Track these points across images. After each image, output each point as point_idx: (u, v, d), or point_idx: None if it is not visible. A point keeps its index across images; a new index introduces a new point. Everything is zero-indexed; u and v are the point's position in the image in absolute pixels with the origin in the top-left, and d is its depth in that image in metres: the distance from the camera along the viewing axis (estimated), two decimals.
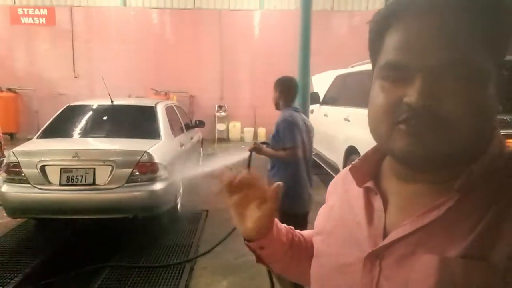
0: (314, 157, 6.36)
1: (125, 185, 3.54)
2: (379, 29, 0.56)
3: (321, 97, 6.11)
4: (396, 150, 0.52)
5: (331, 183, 0.78)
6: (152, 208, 3.70)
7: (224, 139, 10.72)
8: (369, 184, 0.62)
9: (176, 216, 4.34)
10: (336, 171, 5.00)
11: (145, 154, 3.64)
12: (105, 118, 4.45)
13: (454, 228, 0.49)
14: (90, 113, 4.46)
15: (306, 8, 2.89)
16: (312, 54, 4.56)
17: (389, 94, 0.52)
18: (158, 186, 3.68)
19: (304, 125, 2.70)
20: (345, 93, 5.26)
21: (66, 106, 4.49)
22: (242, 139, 10.85)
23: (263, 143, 2.91)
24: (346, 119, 4.65)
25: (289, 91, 2.77)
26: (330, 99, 5.79)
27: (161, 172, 3.73)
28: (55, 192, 3.44)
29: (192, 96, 11.01)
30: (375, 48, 0.57)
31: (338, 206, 0.69)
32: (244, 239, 0.72)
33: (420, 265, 0.49)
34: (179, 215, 4.41)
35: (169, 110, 4.86)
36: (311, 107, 6.63)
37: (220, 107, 10.85)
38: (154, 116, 4.38)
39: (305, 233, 0.84)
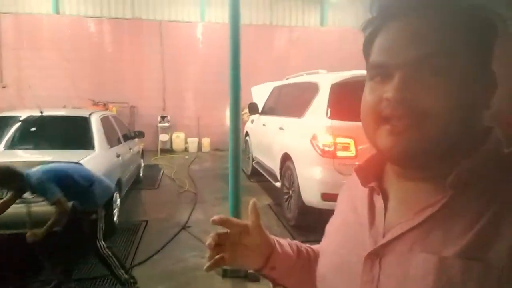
0: (255, 165, 6.60)
1: None
2: (369, 36, 0.60)
3: (260, 108, 6.37)
4: (380, 148, 0.56)
5: (341, 190, 0.80)
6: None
7: (168, 150, 10.59)
8: (373, 184, 0.64)
9: (114, 228, 4.26)
10: (274, 177, 5.25)
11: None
12: (34, 129, 4.27)
13: (451, 225, 0.50)
14: (18, 124, 4.25)
15: (235, 23, 3.07)
16: (253, 66, 4.80)
17: (373, 93, 0.56)
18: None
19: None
20: (280, 103, 5.56)
21: None
22: (186, 150, 10.81)
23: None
24: (281, 128, 4.92)
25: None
26: (268, 109, 6.07)
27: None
28: None
29: (133, 107, 10.78)
30: (366, 53, 0.61)
31: (344, 210, 0.72)
32: (255, 271, 0.75)
33: (418, 264, 0.50)
34: (116, 226, 4.33)
35: (104, 121, 4.78)
36: (251, 117, 6.89)
37: (162, 117, 10.72)
38: (88, 127, 4.29)
39: (314, 246, 0.86)
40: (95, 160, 3.88)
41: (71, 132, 4.29)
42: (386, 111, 0.53)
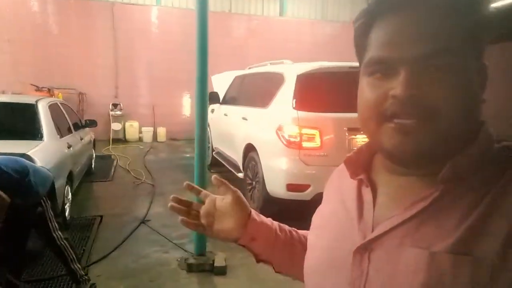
0: (215, 156, 6.48)
1: None
2: (363, 27, 0.57)
3: (221, 97, 6.23)
4: (386, 147, 0.54)
5: (329, 180, 0.78)
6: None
7: (121, 140, 10.09)
8: (362, 176, 0.63)
9: (65, 224, 3.96)
10: (236, 168, 5.18)
11: (23, 157, 3.23)
12: None
13: (441, 220, 0.50)
14: None
15: (203, 8, 2.92)
16: (212, 54, 4.55)
17: (375, 90, 0.53)
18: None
19: None
20: (243, 93, 5.47)
21: None
22: (140, 139, 10.37)
23: None
24: (244, 118, 4.84)
25: None
26: (230, 99, 5.96)
27: None
28: None
29: (82, 94, 10.10)
30: (360, 46, 0.59)
31: (332, 200, 0.71)
32: (236, 242, 0.76)
33: (408, 259, 0.50)
34: (67, 223, 4.03)
35: (53, 108, 4.39)
36: (212, 106, 6.73)
37: (115, 105, 10.18)
38: (35, 115, 3.91)
39: (300, 231, 0.86)
40: (44, 151, 3.56)
41: (16, 120, 3.90)
42: (392, 109, 0.51)
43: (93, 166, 6.46)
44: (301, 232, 0.84)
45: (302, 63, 4.05)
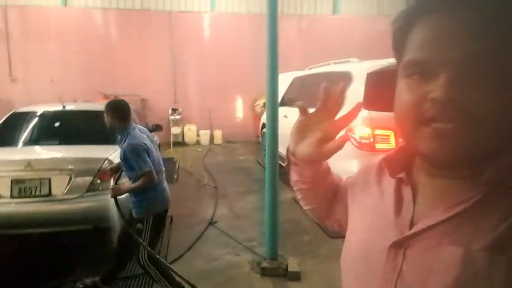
0: None
1: (85, 194, 3.33)
2: (402, 28, 0.57)
3: (279, 99, 6.20)
4: (423, 151, 0.53)
5: (362, 169, 0.79)
6: (115, 218, 3.50)
7: (180, 143, 10.46)
8: (401, 175, 0.63)
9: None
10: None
11: (106, 161, 3.44)
12: (57, 124, 4.14)
13: (480, 221, 0.50)
14: (39, 119, 4.13)
15: (273, 11, 2.92)
16: (261, 56, 4.57)
17: (414, 92, 0.53)
18: None
19: (150, 142, 2.82)
20: (304, 94, 5.39)
21: (11, 112, 4.11)
22: (198, 142, 10.68)
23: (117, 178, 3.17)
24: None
25: (120, 113, 2.75)
26: (289, 101, 5.90)
27: (124, 179, 3.55)
28: (5, 205, 3.13)
29: (144, 100, 10.62)
30: (398, 47, 0.58)
31: (369, 194, 0.71)
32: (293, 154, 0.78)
33: (444, 256, 0.50)
34: None
35: None
36: None
37: (174, 110, 10.58)
38: None
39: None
40: None
41: (95, 126, 4.15)
42: (430, 112, 0.50)
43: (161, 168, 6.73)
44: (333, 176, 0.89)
45: (371, 60, 3.89)
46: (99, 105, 5.00)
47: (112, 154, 3.56)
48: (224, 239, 3.93)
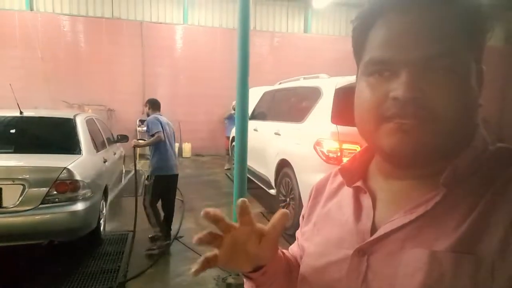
0: None
1: (40, 206, 3.10)
2: (362, 27, 0.56)
3: (249, 112, 6.20)
4: (385, 147, 0.53)
5: (316, 187, 0.76)
6: (72, 232, 3.29)
7: (147, 155, 10.18)
8: (359, 183, 0.63)
9: (100, 239, 3.94)
10: (268, 184, 5.08)
11: (64, 170, 3.25)
12: (12, 131, 3.89)
13: (443, 222, 0.50)
14: None
15: (245, 27, 2.92)
16: (232, 71, 4.54)
17: (375, 90, 0.53)
18: (79, 206, 3.30)
19: (165, 122, 4.14)
20: (274, 108, 5.42)
21: None
22: None
23: (140, 139, 4.67)
24: (276, 133, 4.77)
25: (154, 106, 4.29)
26: (259, 114, 5.91)
27: (83, 191, 3.37)
28: None
29: (110, 110, 10.31)
30: (358, 45, 0.58)
31: (326, 208, 0.69)
32: (245, 274, 0.62)
33: (409, 260, 0.49)
34: (102, 237, 4.01)
35: (90, 123, 4.46)
36: None
37: (142, 121, 10.32)
38: (73, 129, 3.96)
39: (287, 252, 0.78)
40: (83, 165, 3.57)
41: (54, 134, 3.95)
42: (392, 111, 0.50)
43: (123, 180, 6.49)
44: (288, 252, 0.77)
45: (340, 76, 3.97)
46: (61, 113, 4.80)
47: (72, 163, 3.37)
48: (190, 254, 3.79)
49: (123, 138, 6.00)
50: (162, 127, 3.98)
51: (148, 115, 4.26)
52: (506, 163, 0.52)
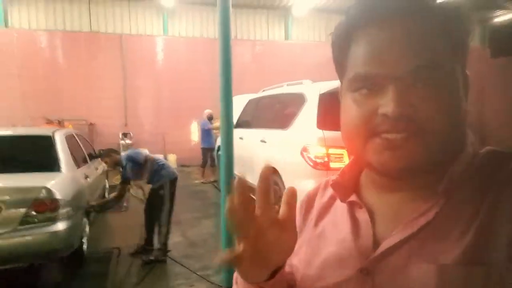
0: None
1: (18, 228, 2.96)
2: (342, 41, 0.54)
3: (234, 121, 6.15)
4: (374, 164, 0.51)
5: (304, 202, 0.70)
6: (53, 253, 3.15)
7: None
8: (353, 198, 0.59)
9: (83, 259, 3.78)
10: (255, 192, 5.01)
11: (43, 190, 3.11)
12: None
13: (446, 233, 0.48)
14: None
15: (226, 36, 2.89)
16: (214, 81, 4.49)
17: (362, 106, 0.51)
18: (60, 226, 3.16)
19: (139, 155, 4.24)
20: (259, 115, 5.38)
21: None
22: None
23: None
24: (262, 141, 4.72)
25: (110, 154, 4.21)
26: (244, 122, 5.86)
27: (64, 210, 3.22)
28: None
29: (91, 124, 10.11)
30: (340, 60, 0.56)
31: (319, 226, 0.64)
32: (256, 284, 0.53)
33: (417, 276, 0.47)
34: (85, 256, 3.85)
35: (69, 139, 4.32)
36: None
37: (124, 134, 10.16)
38: (52, 146, 3.82)
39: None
40: (63, 182, 3.44)
41: (33, 152, 3.80)
42: (382, 127, 0.48)
43: (106, 196, 6.31)
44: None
45: (323, 82, 3.97)
46: (39, 130, 4.64)
47: (51, 182, 3.23)
48: (178, 269, 3.68)
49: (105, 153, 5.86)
50: (137, 158, 4.08)
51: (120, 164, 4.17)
52: (498, 166, 0.50)
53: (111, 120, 10.32)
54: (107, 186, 6.48)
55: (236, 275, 0.59)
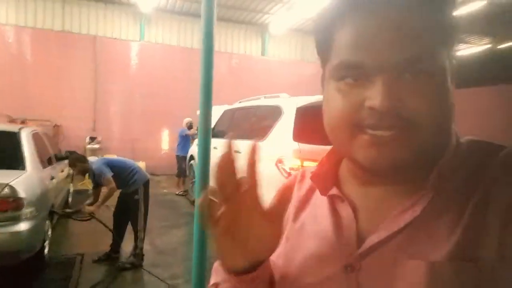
0: None
1: None
2: (326, 27, 0.51)
3: None
4: (361, 160, 0.48)
5: (285, 187, 0.65)
6: (14, 255, 2.98)
7: None
8: (334, 191, 0.56)
9: (44, 263, 3.59)
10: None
11: (6, 187, 2.96)
12: None
13: (434, 228, 0.46)
14: None
15: (208, 46, 2.91)
16: (194, 89, 4.46)
17: (347, 97, 0.48)
18: (22, 226, 3.01)
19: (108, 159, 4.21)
20: (234, 126, 5.41)
21: None
22: None
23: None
24: (237, 151, 4.74)
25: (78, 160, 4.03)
26: (219, 132, 5.86)
27: (27, 210, 3.08)
28: None
29: (57, 126, 9.70)
30: (323, 46, 0.52)
31: (298, 221, 0.61)
32: (235, 272, 0.50)
33: (405, 274, 0.45)
34: (47, 261, 3.66)
35: (36, 137, 4.15)
36: (197, 140, 6.58)
37: (92, 138, 9.82)
38: (18, 143, 3.66)
39: None
40: (28, 181, 3.29)
41: None
42: (368, 121, 0.45)
43: (69, 200, 6.06)
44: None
45: (300, 96, 4.08)
46: (4, 126, 4.42)
47: (15, 179, 3.08)
48: (146, 278, 3.57)
49: (72, 155, 5.65)
50: (110, 165, 3.86)
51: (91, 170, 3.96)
52: (484, 158, 0.48)
53: (79, 122, 9.96)
54: (71, 190, 6.23)
55: (216, 265, 0.57)
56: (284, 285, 0.57)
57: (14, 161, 3.49)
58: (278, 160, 3.70)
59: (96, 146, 9.79)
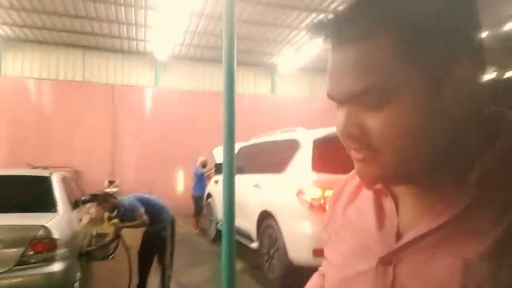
0: (220, 228, 6.29)
1: (15, 268, 2.89)
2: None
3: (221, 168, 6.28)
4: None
5: (334, 193, 0.73)
6: None
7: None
8: (379, 186, 0.57)
9: None
10: (248, 238, 5.02)
11: (41, 229, 3.10)
12: None
13: (473, 227, 0.45)
14: None
15: (230, 90, 3.07)
16: (207, 131, 4.71)
17: (337, 119, 0.52)
18: (56, 267, 3.10)
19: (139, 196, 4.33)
20: (251, 162, 5.55)
21: None
22: None
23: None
24: (256, 186, 4.85)
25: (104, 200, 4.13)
26: (236, 168, 5.99)
27: (61, 250, 3.19)
28: None
29: (77, 172, 9.99)
30: None
31: (346, 215, 0.65)
32: None
33: (441, 270, 0.46)
34: None
35: (65, 181, 4.34)
36: (215, 177, 6.72)
37: (110, 182, 10.04)
38: (49, 187, 3.84)
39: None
40: (60, 223, 3.42)
41: (30, 193, 3.80)
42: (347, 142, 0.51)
43: (92, 243, 6.13)
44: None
45: (316, 129, 4.24)
46: (37, 171, 4.65)
47: (50, 221, 3.22)
48: None
49: (100, 194, 5.80)
50: (140, 201, 4.01)
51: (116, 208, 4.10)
52: None
53: (97, 167, 10.26)
54: (94, 233, 6.32)
55: None
56: (331, 276, 0.62)
57: (47, 203, 3.65)
58: (299, 191, 3.79)
59: (114, 189, 9.98)
